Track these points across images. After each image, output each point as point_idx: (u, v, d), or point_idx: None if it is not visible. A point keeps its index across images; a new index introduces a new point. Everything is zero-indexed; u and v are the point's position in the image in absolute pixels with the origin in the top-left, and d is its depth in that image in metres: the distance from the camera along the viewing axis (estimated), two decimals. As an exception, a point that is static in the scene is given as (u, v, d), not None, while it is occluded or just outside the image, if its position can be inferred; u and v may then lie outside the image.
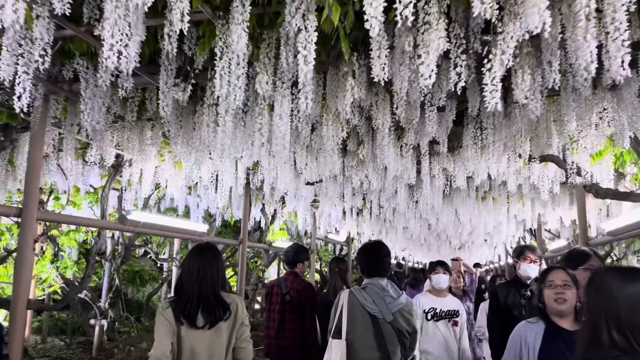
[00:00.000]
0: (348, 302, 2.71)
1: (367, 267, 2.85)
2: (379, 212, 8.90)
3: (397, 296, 2.74)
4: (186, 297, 2.42)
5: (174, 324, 2.37)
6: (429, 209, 7.02)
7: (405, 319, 2.69)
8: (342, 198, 7.37)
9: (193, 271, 2.47)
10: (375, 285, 2.74)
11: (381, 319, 2.64)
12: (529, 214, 7.03)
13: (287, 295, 3.74)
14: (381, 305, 2.65)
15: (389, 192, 5.99)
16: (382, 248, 2.91)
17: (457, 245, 15.13)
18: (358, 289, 2.79)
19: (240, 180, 5.65)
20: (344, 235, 12.15)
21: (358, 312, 2.67)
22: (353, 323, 2.66)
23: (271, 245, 7.75)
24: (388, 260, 2.88)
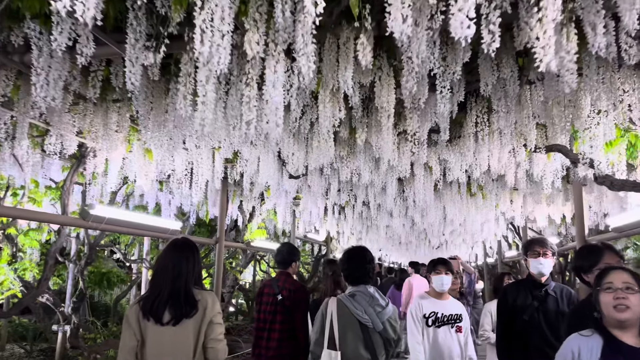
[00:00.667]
0: (337, 311, 2.63)
1: (352, 274, 2.78)
2: (362, 210, 8.55)
3: (385, 304, 2.71)
4: (157, 292, 2.40)
5: (140, 320, 2.36)
6: (417, 205, 6.70)
7: (392, 328, 2.67)
8: (326, 194, 6.98)
9: (168, 266, 2.44)
10: (364, 293, 2.69)
11: (372, 328, 2.59)
12: (517, 211, 6.79)
13: (279, 295, 3.63)
14: (372, 315, 2.61)
15: (377, 186, 5.62)
16: (366, 253, 2.86)
17: (435, 245, 14.91)
18: (347, 297, 2.70)
19: (217, 173, 5.19)
20: (323, 235, 11.76)
21: (349, 321, 2.61)
22: (344, 333, 2.59)
23: (249, 244, 7.28)
24: (373, 266, 2.84)
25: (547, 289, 3.07)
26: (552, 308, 3.05)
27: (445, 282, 3.48)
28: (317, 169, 5.17)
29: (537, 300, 3.06)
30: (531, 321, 3.02)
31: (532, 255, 3.10)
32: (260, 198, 7.63)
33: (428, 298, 3.55)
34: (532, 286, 3.11)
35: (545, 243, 3.14)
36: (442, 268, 3.53)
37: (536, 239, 3.30)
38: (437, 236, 13.19)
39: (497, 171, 4.42)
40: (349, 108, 3.13)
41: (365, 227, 11.04)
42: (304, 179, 5.95)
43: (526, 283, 3.19)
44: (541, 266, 3.06)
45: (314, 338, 2.73)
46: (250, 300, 15.47)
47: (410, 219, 8.63)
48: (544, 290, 3.07)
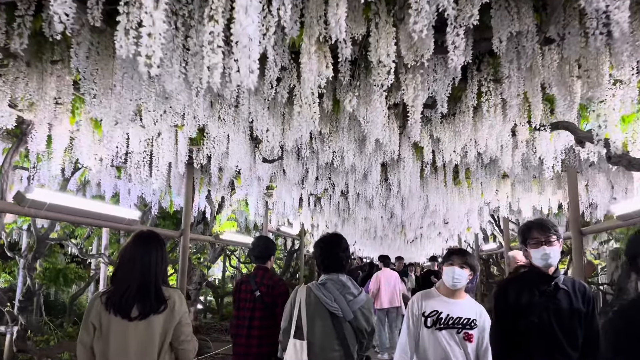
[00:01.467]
0: (306, 299, 2.56)
1: (325, 262, 2.70)
2: (339, 201, 8.07)
3: (358, 293, 2.62)
4: (125, 286, 2.32)
5: (102, 316, 2.30)
6: (399, 194, 6.26)
7: (365, 318, 2.58)
8: (302, 183, 6.46)
9: (135, 260, 2.37)
10: (336, 281, 2.61)
11: (341, 317, 2.51)
12: (503, 201, 6.44)
13: (257, 292, 3.51)
14: (342, 303, 2.52)
15: (359, 172, 5.14)
16: (340, 241, 2.77)
17: (411, 238, 14.61)
18: (317, 284, 2.62)
19: (180, 156, 4.59)
20: (297, 228, 11.22)
21: (318, 310, 2.54)
22: (312, 322, 2.52)
23: (218, 237, 6.70)
24: (347, 255, 2.76)
25: (556, 282, 2.50)
26: (564, 306, 2.49)
27: (457, 277, 2.82)
28: (294, 151, 4.65)
29: (545, 297, 2.49)
30: (540, 323, 2.47)
31: (533, 244, 2.51)
32: (231, 187, 7.04)
33: (435, 295, 2.92)
34: (538, 280, 2.52)
35: (547, 227, 2.52)
36: (457, 259, 2.86)
37: (535, 222, 2.63)
38: (414, 229, 12.87)
39: (494, 153, 4.01)
40: (335, 70, 2.62)
41: (341, 219, 10.57)
42: (279, 164, 5.42)
43: (530, 276, 2.59)
44: (546, 256, 2.47)
45: (282, 327, 2.66)
46: (220, 297, 14.82)
47: (390, 210, 8.20)
48: (554, 284, 2.50)
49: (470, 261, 2.88)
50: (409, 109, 3.15)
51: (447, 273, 2.87)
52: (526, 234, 2.58)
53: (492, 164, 5.04)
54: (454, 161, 4.17)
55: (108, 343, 2.28)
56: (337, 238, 2.79)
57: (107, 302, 2.31)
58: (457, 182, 6.18)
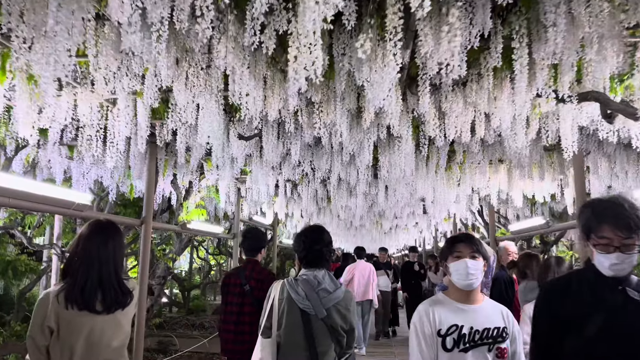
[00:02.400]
0: (279, 296, 2.45)
1: (307, 257, 2.55)
2: (317, 188, 7.49)
3: (333, 289, 2.48)
4: (83, 279, 2.19)
5: (60, 315, 2.13)
6: (388, 178, 5.73)
7: (341, 315, 2.45)
8: (280, 166, 5.85)
9: (92, 250, 2.26)
10: (310, 277, 2.49)
11: (313, 315, 2.39)
12: (495, 188, 6.01)
13: (246, 286, 3.40)
14: (314, 300, 2.40)
15: (346, 153, 4.57)
16: (323, 235, 2.63)
17: (387, 229, 14.20)
18: (292, 281, 2.50)
19: (141, 130, 3.91)
20: (270, 218, 10.58)
21: (289, 307, 2.42)
22: (284, 319, 2.41)
23: (185, 227, 6.01)
24: (330, 249, 2.63)
25: (625, 288, 1.77)
26: (635, 320, 1.76)
27: (472, 272, 2.08)
28: (275, 126, 4.03)
29: (609, 307, 1.77)
30: (599, 342, 1.75)
31: (598, 243, 1.78)
32: (199, 171, 6.36)
33: (446, 302, 2.17)
34: (599, 283, 1.81)
35: (625, 215, 1.74)
36: (466, 248, 2.14)
37: (599, 203, 1.86)
38: (391, 219, 12.45)
39: (506, 129, 3.50)
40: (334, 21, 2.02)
41: (318, 209, 10.01)
42: (256, 143, 4.79)
43: (587, 276, 1.87)
44: (619, 265, 1.75)
45: (261, 323, 2.52)
46: (186, 291, 14.08)
47: (371, 198, 7.68)
48: (622, 291, 1.78)
49: (481, 248, 2.19)
50: (419, 72, 2.60)
51: (457, 270, 2.14)
52: (588, 226, 1.84)
53: (494, 145, 4.56)
54: (457, 139, 3.66)
55: (76, 341, 2.15)
56: (320, 232, 2.65)
57: (66, 299, 2.16)
58: (449, 167, 5.71)
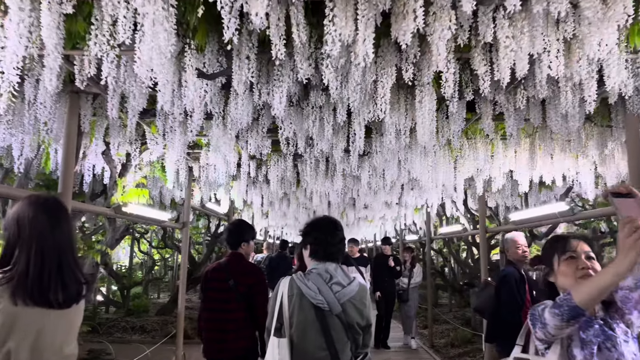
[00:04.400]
0: (288, 293, 2.26)
1: (326, 250, 2.34)
2: (285, 168, 6.28)
3: (347, 283, 2.31)
4: (37, 269, 1.84)
5: (4, 308, 1.77)
6: (379, 153, 4.62)
7: (357, 310, 2.29)
8: (248, 133, 4.60)
9: (44, 233, 1.90)
10: (321, 270, 2.31)
11: (327, 311, 2.22)
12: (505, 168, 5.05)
13: (230, 281, 3.26)
14: (328, 295, 2.23)
15: (342, 108, 3.41)
16: (339, 227, 2.44)
17: (352, 220, 13.19)
18: (301, 275, 2.31)
19: (50, 62, 2.58)
20: (225, 206, 9.22)
21: (301, 303, 2.23)
22: (296, 317, 2.23)
23: (119, 210, 4.63)
24: (344, 244, 2.47)
25: None
26: None
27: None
28: (249, 62, 2.77)
29: None
30: None
31: None
32: (140, 141, 4.99)
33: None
34: None
35: None
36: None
37: None
38: (359, 209, 11.42)
39: (577, 74, 2.48)
40: None
41: (282, 196, 8.80)
42: (219, 98, 3.52)
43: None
44: None
45: (267, 325, 2.32)
46: (126, 289, 12.41)
47: (350, 183, 6.56)
48: None
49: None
50: None
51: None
52: None
53: (535, 106, 3.56)
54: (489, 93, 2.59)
55: (19, 344, 1.78)
56: (336, 224, 2.46)
57: (14, 293, 1.78)
58: (465, 133, 4.64)
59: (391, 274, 8.28)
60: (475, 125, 4.57)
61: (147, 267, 14.42)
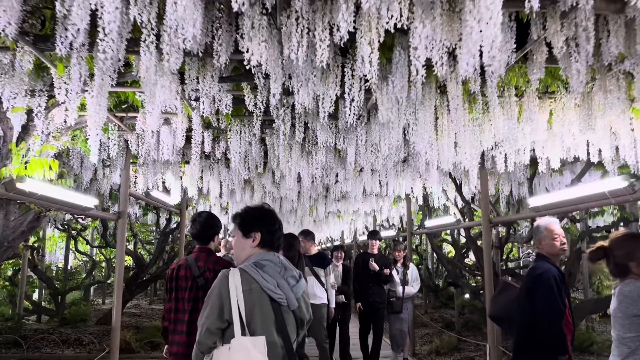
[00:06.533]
0: (243, 287, 2.02)
1: (272, 237, 2.22)
2: (252, 142, 4.95)
3: (299, 276, 2.20)
4: None
5: None
6: (377, 118, 3.36)
7: (307, 306, 2.21)
8: (196, 77, 3.26)
9: None
10: (275, 262, 2.15)
11: (285, 306, 2.07)
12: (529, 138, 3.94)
13: (200, 278, 3.06)
14: (285, 289, 2.09)
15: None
16: (275, 215, 2.32)
17: (322, 215, 11.96)
18: (253, 267, 2.09)
19: None
20: (176, 196, 7.72)
21: (258, 298, 2.03)
22: (252, 313, 2.01)
23: (13, 187, 3.18)
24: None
25: None
26: None
27: None
28: None
29: None
30: None
31: None
32: (47, 92, 3.56)
33: None
34: None
35: None
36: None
37: None
38: (331, 203, 10.21)
39: None
40: None
41: (242, 185, 7.43)
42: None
43: None
44: None
45: (206, 324, 2.03)
46: (60, 294, 10.64)
47: (330, 160, 5.28)
48: None
49: None
50: None
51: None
52: None
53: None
54: None
55: None
56: (274, 211, 2.31)
57: None
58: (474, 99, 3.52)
59: (378, 278, 6.36)
60: (508, 74, 3.42)
61: (87, 269, 12.65)
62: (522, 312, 3.53)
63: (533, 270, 3.51)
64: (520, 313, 3.58)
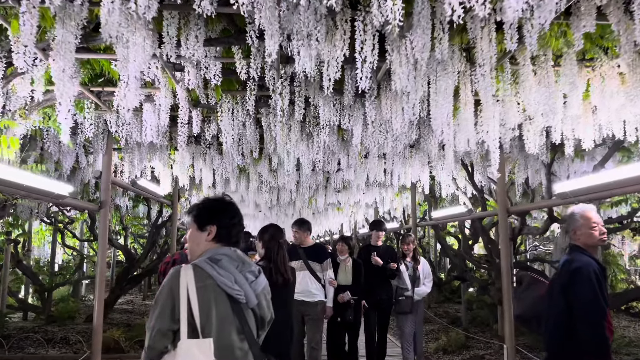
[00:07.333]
0: (197, 283, 1.83)
1: (236, 234, 2.06)
2: (247, 123, 4.45)
3: (258, 271, 2.06)
4: None
5: None
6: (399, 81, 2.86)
7: (267, 303, 2.06)
8: (177, 36, 2.75)
9: None
10: (232, 256, 1.98)
11: (244, 304, 1.91)
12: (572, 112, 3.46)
13: None
14: (244, 285, 1.92)
15: None
16: (234, 206, 2.15)
17: (322, 207, 11.48)
18: (207, 262, 1.90)
19: None
20: (167, 186, 7.21)
21: (214, 296, 1.86)
22: (207, 313, 1.83)
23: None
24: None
25: None
26: None
27: None
28: None
29: None
30: None
31: None
32: (5, 58, 3.05)
33: None
34: None
35: None
36: None
37: None
38: (330, 194, 9.72)
39: None
40: None
41: (238, 173, 6.93)
42: None
43: None
44: None
45: (157, 326, 1.81)
46: (46, 291, 10.12)
47: (333, 142, 4.77)
48: None
49: None
50: None
51: None
52: None
53: None
54: None
55: None
56: (236, 206, 2.15)
57: None
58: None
59: (383, 274, 5.61)
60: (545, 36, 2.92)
61: (76, 264, 12.13)
62: (556, 312, 3.10)
63: (569, 264, 3.06)
64: (553, 313, 3.15)
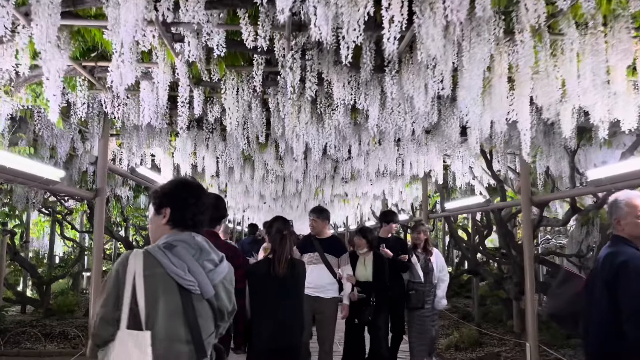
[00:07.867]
0: (145, 272, 1.72)
1: (193, 217, 1.90)
2: (252, 104, 4.10)
3: (219, 259, 1.91)
4: None
5: None
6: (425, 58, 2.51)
7: (227, 293, 1.91)
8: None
9: None
10: (190, 243, 1.84)
11: (197, 295, 1.78)
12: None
13: None
14: (200, 275, 1.79)
15: None
16: (206, 193, 2.02)
17: (329, 199, 11.14)
18: (160, 249, 1.78)
19: None
20: (168, 174, 6.89)
21: (162, 285, 1.74)
22: (154, 303, 1.72)
23: None
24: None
25: None
26: None
27: None
28: None
29: None
30: None
31: None
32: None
33: None
34: None
35: None
36: None
37: None
38: (338, 185, 9.40)
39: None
40: None
41: (242, 162, 6.60)
42: None
43: None
44: None
45: (100, 313, 1.73)
46: (45, 284, 9.86)
47: (346, 126, 4.42)
48: None
49: None
50: None
51: None
52: None
53: None
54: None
55: None
56: (202, 188, 2.00)
57: None
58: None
59: (394, 267, 5.13)
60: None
61: (76, 256, 11.86)
62: (598, 310, 2.81)
63: (613, 257, 2.75)
64: (595, 311, 2.86)
